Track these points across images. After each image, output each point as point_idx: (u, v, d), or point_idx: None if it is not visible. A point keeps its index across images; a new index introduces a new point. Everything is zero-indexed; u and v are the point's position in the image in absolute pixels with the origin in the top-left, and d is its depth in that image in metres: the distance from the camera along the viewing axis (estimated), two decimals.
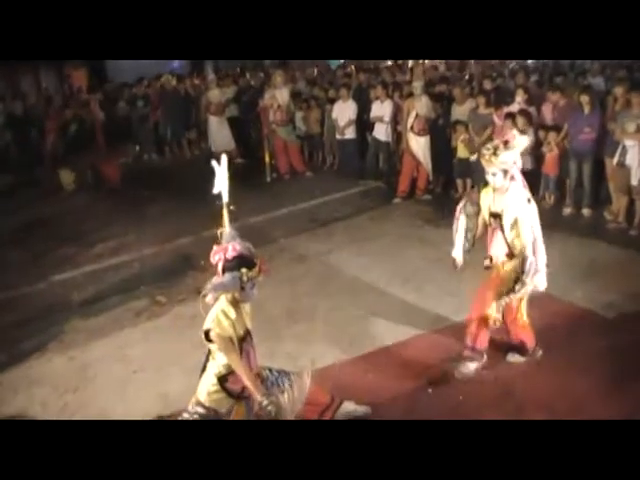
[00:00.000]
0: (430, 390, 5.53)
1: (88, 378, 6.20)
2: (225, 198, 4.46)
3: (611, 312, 6.45)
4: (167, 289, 7.83)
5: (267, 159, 12.53)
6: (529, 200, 5.25)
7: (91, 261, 9.06)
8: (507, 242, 5.31)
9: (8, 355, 6.68)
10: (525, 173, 9.41)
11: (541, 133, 9.45)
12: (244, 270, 4.11)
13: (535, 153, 9.53)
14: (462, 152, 10.28)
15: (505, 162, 5.11)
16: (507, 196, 5.22)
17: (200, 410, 4.39)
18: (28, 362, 6.55)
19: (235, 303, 4.25)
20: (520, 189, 5.25)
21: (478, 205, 5.46)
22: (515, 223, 5.21)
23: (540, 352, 5.76)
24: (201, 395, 4.41)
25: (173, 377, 5.92)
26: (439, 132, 10.58)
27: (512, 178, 5.22)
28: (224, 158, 4.53)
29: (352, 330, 6.56)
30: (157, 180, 12.71)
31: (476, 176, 10.43)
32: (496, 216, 5.30)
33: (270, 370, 4.72)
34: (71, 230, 10.10)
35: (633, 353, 5.69)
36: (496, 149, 5.09)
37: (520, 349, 5.75)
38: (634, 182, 8.21)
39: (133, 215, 10.68)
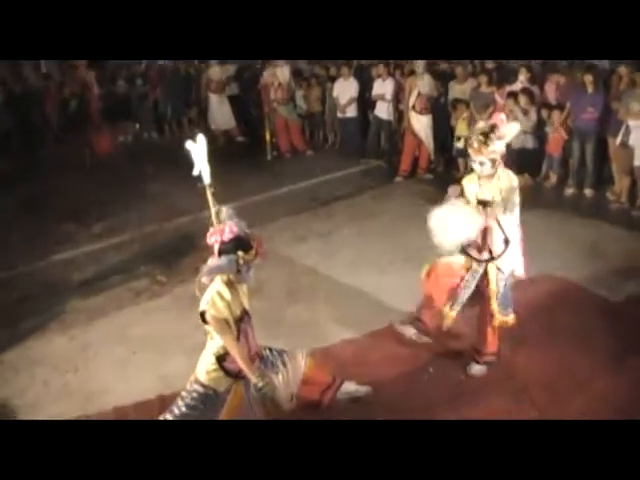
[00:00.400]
0: (431, 369, 5.51)
1: (89, 358, 6.20)
2: (206, 179, 4.38)
3: (613, 292, 6.43)
4: (167, 269, 7.80)
5: (268, 137, 12.47)
6: (514, 182, 5.10)
7: (91, 240, 9.03)
8: (503, 229, 5.12)
9: (9, 334, 6.67)
10: (527, 152, 9.56)
11: (544, 112, 9.39)
12: (240, 253, 4.08)
13: (537, 132, 9.48)
14: (462, 131, 10.22)
15: (495, 151, 4.98)
16: (496, 182, 5.07)
17: (199, 388, 4.37)
18: (29, 342, 6.54)
19: (231, 284, 4.21)
20: (507, 172, 5.11)
21: (463, 195, 5.25)
22: (506, 208, 5.07)
23: (492, 362, 5.54)
24: (200, 374, 4.39)
25: (173, 357, 5.91)
26: (441, 111, 10.51)
27: (499, 163, 5.08)
28: (201, 137, 4.45)
29: (353, 309, 6.55)
30: (157, 158, 12.63)
31: None
32: (485, 204, 5.10)
33: (271, 350, 4.70)
34: (71, 209, 10.04)
35: (634, 332, 5.68)
36: (487, 139, 4.91)
37: (478, 352, 5.54)
38: (637, 163, 8.17)
39: (133, 194, 10.62)
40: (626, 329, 5.77)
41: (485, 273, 5.27)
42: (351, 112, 11.95)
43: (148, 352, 6.18)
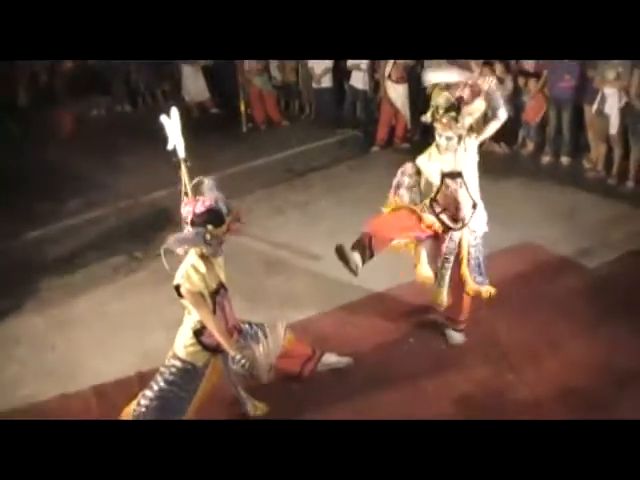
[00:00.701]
0: (411, 340, 5.53)
1: (66, 336, 6.14)
2: (181, 153, 4.33)
3: (589, 259, 6.47)
4: (144, 244, 7.73)
5: (242, 109, 12.34)
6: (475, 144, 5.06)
7: (66, 216, 8.89)
8: (470, 193, 5.09)
9: None
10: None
11: (520, 80, 9.36)
12: (210, 227, 4.03)
13: (514, 101, 9.46)
14: (438, 100, 10.17)
15: (464, 126, 4.93)
16: (462, 153, 5.00)
17: (177, 363, 4.36)
18: (5, 321, 6.48)
19: (205, 257, 4.18)
20: (470, 141, 5.04)
21: (416, 175, 5.20)
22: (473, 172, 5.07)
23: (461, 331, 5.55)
24: (178, 349, 4.38)
25: (152, 332, 5.88)
26: (417, 80, 10.43)
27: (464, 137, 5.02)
28: (174, 111, 4.39)
29: (333, 281, 6.53)
30: (131, 131, 12.46)
31: None
32: (455, 175, 5.04)
33: (250, 324, 4.69)
34: (44, 185, 9.89)
35: (610, 298, 5.75)
36: (458, 114, 4.86)
37: (454, 320, 5.55)
38: (612, 131, 8.16)
39: (107, 168, 10.49)
40: (601, 294, 5.83)
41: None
42: (326, 82, 11.81)
43: (127, 328, 6.14)
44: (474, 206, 5.13)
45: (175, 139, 4.35)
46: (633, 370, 4.87)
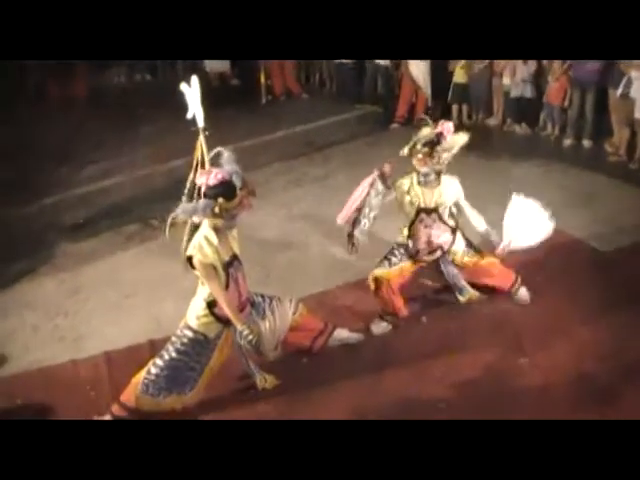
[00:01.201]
0: (424, 319, 5.49)
1: (79, 302, 6.16)
2: (200, 122, 4.29)
3: (606, 245, 6.38)
4: (160, 212, 7.70)
5: (262, 80, 12.28)
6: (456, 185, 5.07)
7: (82, 183, 8.90)
8: (450, 227, 5.16)
9: None
10: (526, 101, 9.44)
11: (544, 61, 9.24)
12: (220, 200, 3.99)
13: (536, 82, 9.36)
14: (459, 77, 10.13)
15: (441, 163, 4.89)
16: (439, 189, 5.00)
17: (189, 334, 4.35)
18: (19, 285, 6.50)
19: (218, 229, 4.15)
20: (447, 177, 5.02)
21: (389, 186, 5.16)
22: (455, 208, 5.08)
23: (521, 288, 5.59)
24: (190, 319, 4.36)
25: (165, 301, 5.89)
26: None
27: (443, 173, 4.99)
28: (194, 80, 4.35)
29: (347, 255, 6.48)
30: (151, 100, 12.45)
31: (472, 101, 10.34)
32: (430, 211, 5.05)
33: (263, 297, 4.67)
34: (62, 151, 9.88)
35: (624, 285, 5.66)
36: (432, 150, 4.82)
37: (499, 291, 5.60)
38: (637, 115, 8.03)
39: (126, 136, 10.47)
40: (615, 281, 5.73)
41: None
42: None
43: (139, 296, 6.15)
44: (453, 231, 5.19)
45: (195, 108, 4.32)
46: None
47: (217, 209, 3.98)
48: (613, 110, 8.55)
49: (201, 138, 4.30)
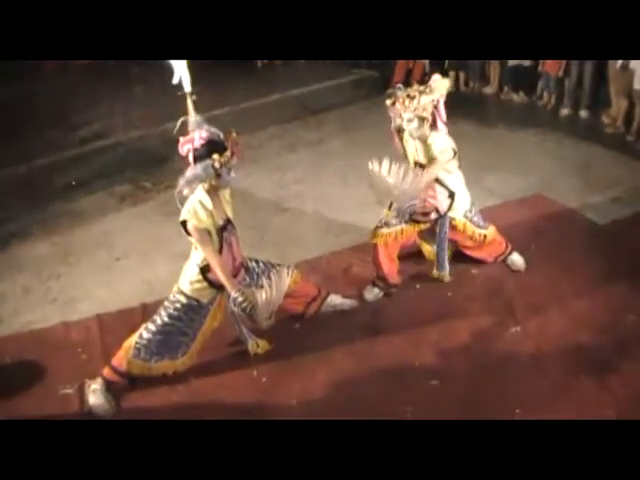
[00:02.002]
0: (418, 286, 5.48)
1: (71, 264, 6.13)
2: (187, 87, 4.21)
3: (600, 215, 6.35)
4: (152, 174, 7.67)
5: None
6: (455, 152, 4.90)
7: (75, 145, 8.82)
8: (445, 185, 5.05)
9: None
10: (523, 69, 9.38)
11: None
12: (215, 156, 3.92)
13: None
14: None
15: (421, 108, 4.77)
16: (429, 145, 4.89)
17: (182, 299, 4.32)
18: (10, 247, 6.48)
19: (213, 192, 4.09)
20: (444, 140, 4.90)
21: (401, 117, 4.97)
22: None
23: (512, 252, 5.60)
24: (183, 284, 4.33)
25: (157, 264, 5.88)
26: None
27: (434, 127, 4.88)
28: None
29: (341, 221, 6.49)
30: (143, 61, 12.28)
31: (469, 69, 10.26)
32: (423, 167, 4.95)
33: (257, 262, 4.64)
34: (55, 112, 9.79)
35: (619, 256, 5.65)
36: (409, 93, 4.74)
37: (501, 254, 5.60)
38: (637, 86, 7.96)
39: (118, 97, 10.37)
40: (610, 252, 5.72)
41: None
42: None
43: (131, 259, 6.13)
44: (451, 195, 5.09)
45: (180, 72, 4.24)
46: (637, 330, 4.83)
47: (217, 164, 3.92)
48: (612, 80, 8.47)
49: (189, 103, 4.22)
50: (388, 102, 4.92)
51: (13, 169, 8.15)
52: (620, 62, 7.99)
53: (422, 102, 4.77)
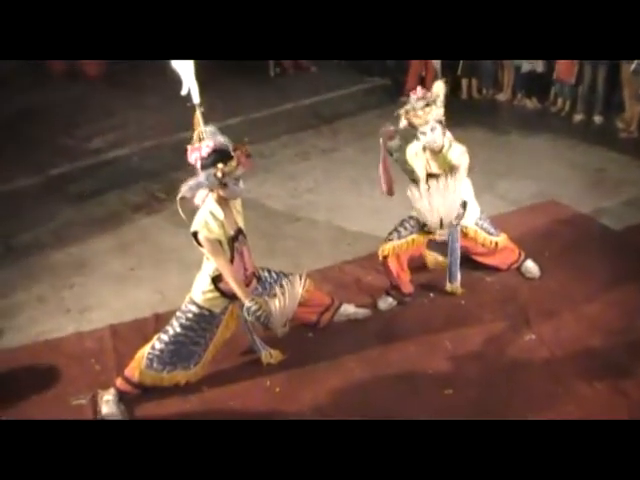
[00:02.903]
0: (432, 294, 5.47)
1: (85, 274, 6.14)
2: (196, 99, 4.23)
3: (615, 221, 6.35)
4: (166, 184, 7.68)
5: None
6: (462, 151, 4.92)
7: (89, 155, 8.85)
8: (461, 199, 5.03)
9: (5, 249, 6.63)
10: (536, 75, 9.34)
11: None
12: (220, 165, 3.93)
13: None
14: None
15: (439, 113, 4.79)
16: (445, 154, 4.91)
17: (194, 309, 4.33)
18: (25, 257, 6.47)
19: (223, 202, 4.10)
20: (458, 145, 4.92)
21: (399, 139, 5.07)
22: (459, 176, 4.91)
23: (525, 259, 5.60)
24: (195, 294, 4.34)
25: (171, 274, 5.88)
26: None
27: (444, 134, 4.89)
28: None
29: (354, 229, 6.49)
30: (157, 71, 12.32)
31: (482, 76, 10.24)
32: (437, 177, 4.92)
33: (269, 271, 4.64)
34: (69, 121, 9.84)
35: (635, 261, 5.63)
36: (426, 104, 4.74)
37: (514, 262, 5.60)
38: None
39: (132, 107, 10.41)
40: (624, 257, 5.71)
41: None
42: None
43: (145, 268, 6.14)
44: (463, 205, 5.08)
45: (189, 83, 4.25)
46: None
47: (219, 174, 3.93)
48: (625, 85, 8.44)
49: (198, 114, 4.23)
50: (402, 122, 4.91)
51: (28, 179, 8.18)
52: (633, 66, 7.95)
53: (439, 105, 4.80)
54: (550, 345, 4.77)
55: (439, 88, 4.85)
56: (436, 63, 10.17)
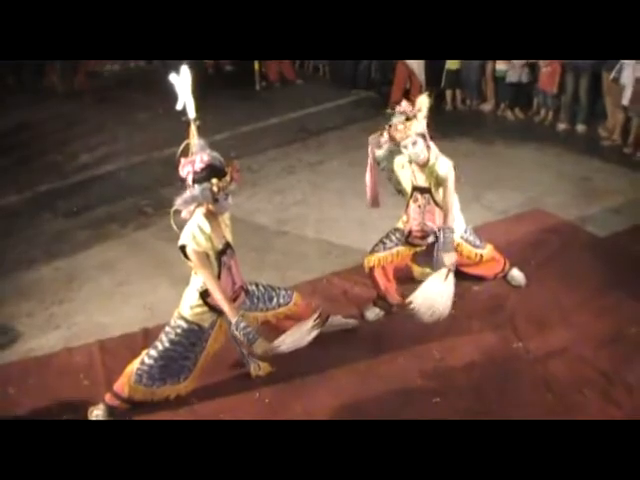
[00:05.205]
0: None
1: (74, 290, 6.14)
2: (191, 113, 4.25)
3: (601, 229, 6.40)
4: (154, 200, 7.70)
5: (257, 67, 12.23)
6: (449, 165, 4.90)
7: (77, 171, 8.87)
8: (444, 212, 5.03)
9: None
10: (520, 86, 9.42)
11: None
12: (214, 180, 3.94)
13: (531, 66, 9.34)
14: (452, 63, 10.11)
15: (420, 126, 4.77)
16: (430, 167, 4.89)
17: (183, 324, 4.33)
18: (14, 273, 6.47)
19: (211, 216, 4.11)
20: (444, 159, 4.91)
21: (388, 144, 5.03)
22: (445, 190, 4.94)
23: (511, 268, 5.64)
24: (184, 309, 4.34)
25: (159, 289, 5.89)
26: None
27: (428, 147, 4.87)
28: (184, 69, 4.30)
29: (342, 241, 6.51)
30: (145, 87, 12.37)
31: (467, 86, 10.31)
32: (423, 191, 4.99)
33: (257, 285, 4.66)
34: (58, 138, 9.86)
35: (619, 268, 5.69)
36: (407, 119, 4.72)
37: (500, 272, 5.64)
38: (625, 102, 7.99)
39: (121, 123, 10.44)
40: (610, 264, 5.76)
41: None
42: None
43: (134, 284, 6.14)
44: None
45: (185, 98, 4.28)
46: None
47: (215, 188, 3.95)
48: (607, 94, 8.51)
49: (193, 129, 4.25)
50: (383, 139, 4.92)
51: (17, 195, 8.22)
52: (612, 75, 8.04)
53: (420, 119, 4.78)
54: (538, 353, 4.80)
55: (422, 102, 4.83)
56: (420, 74, 10.23)
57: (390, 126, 4.85)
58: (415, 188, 5.03)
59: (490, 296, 5.50)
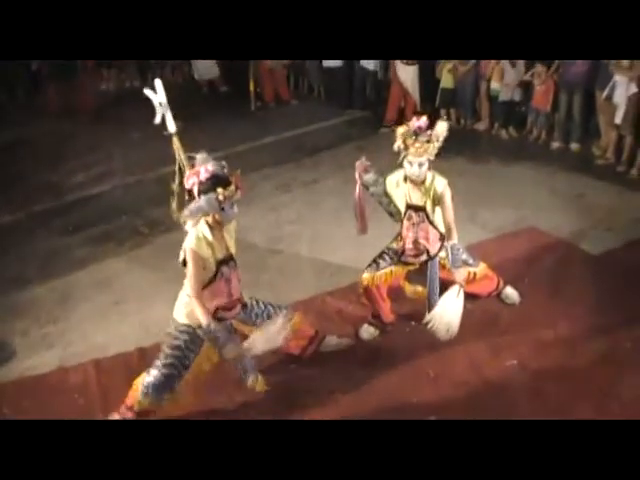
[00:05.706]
0: (413, 323, 5.49)
1: (69, 309, 6.15)
2: (171, 128, 4.27)
3: (595, 246, 6.41)
4: (149, 219, 7.72)
5: (252, 87, 12.27)
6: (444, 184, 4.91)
7: (73, 190, 8.90)
8: (439, 230, 5.05)
9: None
10: (513, 104, 9.48)
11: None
12: (220, 190, 3.98)
13: (525, 85, 9.39)
14: (446, 82, 10.16)
15: (434, 152, 4.79)
16: (426, 186, 4.89)
17: (178, 328, 4.38)
18: (9, 292, 6.48)
19: (215, 225, 4.15)
20: (440, 177, 4.92)
21: (374, 173, 5.15)
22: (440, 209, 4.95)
23: (505, 286, 5.68)
24: (177, 314, 4.39)
25: (155, 308, 5.88)
26: (427, 61, 10.36)
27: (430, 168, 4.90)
28: (158, 83, 4.33)
29: (337, 260, 6.52)
30: (140, 106, 12.39)
31: (461, 105, 10.37)
32: (418, 209, 4.98)
33: (257, 301, 4.67)
34: (52, 157, 9.88)
35: (616, 286, 5.68)
36: (429, 139, 4.73)
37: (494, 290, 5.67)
38: (618, 121, 8.04)
39: (115, 142, 10.46)
40: (605, 281, 5.76)
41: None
42: (336, 61, 11.74)
43: (129, 303, 6.15)
44: (442, 238, 5.09)
45: (162, 112, 4.30)
46: (634, 358, 4.85)
47: (221, 197, 3.97)
48: (600, 112, 8.56)
49: (175, 142, 4.27)
50: (397, 146, 4.90)
51: (11, 214, 8.25)
52: (605, 94, 8.09)
53: (436, 146, 4.77)
54: (533, 370, 4.80)
55: (442, 129, 4.81)
56: (414, 94, 10.30)
57: (409, 136, 4.79)
58: (409, 206, 5.02)
59: (483, 313, 5.50)
